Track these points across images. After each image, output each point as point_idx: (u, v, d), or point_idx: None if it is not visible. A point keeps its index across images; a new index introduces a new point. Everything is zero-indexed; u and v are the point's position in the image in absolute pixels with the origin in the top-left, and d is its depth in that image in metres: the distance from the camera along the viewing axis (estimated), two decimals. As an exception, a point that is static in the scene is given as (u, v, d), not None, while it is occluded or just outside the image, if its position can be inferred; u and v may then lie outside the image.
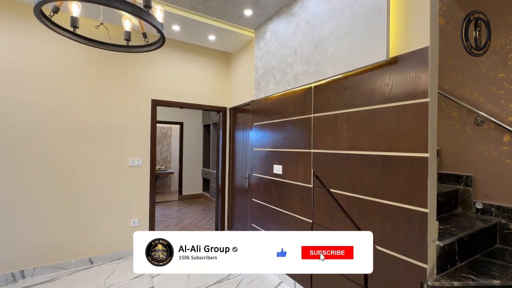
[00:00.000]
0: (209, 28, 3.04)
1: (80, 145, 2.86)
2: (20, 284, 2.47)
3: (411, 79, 1.54)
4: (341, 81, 2.01)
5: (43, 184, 2.68)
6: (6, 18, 2.52)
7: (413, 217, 1.51)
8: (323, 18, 2.14)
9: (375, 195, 1.73)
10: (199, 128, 6.88)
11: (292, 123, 2.52)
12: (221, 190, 3.97)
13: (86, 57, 2.90)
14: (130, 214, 3.16)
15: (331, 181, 2.07)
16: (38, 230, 2.64)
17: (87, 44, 1.66)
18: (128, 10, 1.20)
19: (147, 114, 3.29)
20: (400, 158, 1.59)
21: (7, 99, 2.52)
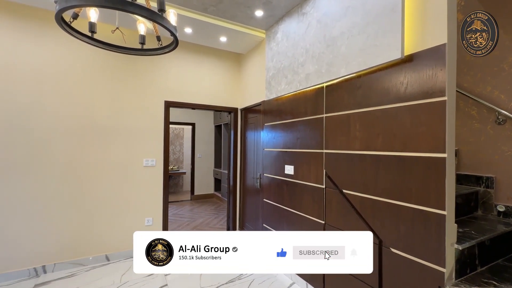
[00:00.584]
0: (221, 29, 3.07)
1: (96, 146, 2.96)
2: (42, 279, 2.59)
3: (428, 77, 1.50)
4: (354, 80, 1.98)
5: (63, 184, 2.79)
6: (29, 25, 2.64)
7: (430, 219, 1.47)
8: (335, 17, 2.11)
9: (389, 196, 1.69)
10: (210, 129, 6.96)
11: (304, 123, 2.50)
12: (232, 190, 4.00)
13: (102, 60, 3.00)
14: (144, 213, 3.24)
15: (344, 182, 2.04)
16: (58, 228, 2.76)
17: (104, 48, 1.72)
18: (143, 15, 1.23)
19: (161, 115, 3.36)
20: (416, 158, 1.54)
21: (30, 102, 2.65)
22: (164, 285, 2.52)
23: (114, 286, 2.48)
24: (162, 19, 1.35)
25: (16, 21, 2.59)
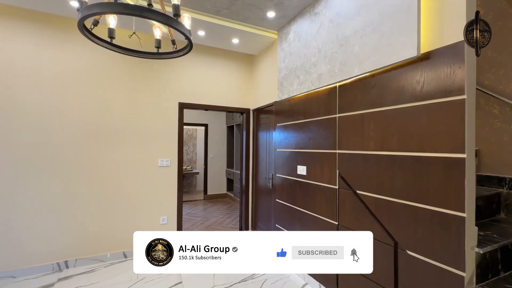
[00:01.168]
0: (233, 31, 3.11)
1: (114, 146, 3.07)
2: (64, 273, 2.72)
3: (445, 75, 1.45)
4: (367, 80, 1.95)
5: (83, 183, 2.92)
6: (52, 32, 2.79)
7: (449, 222, 1.42)
8: (348, 16, 2.09)
9: (406, 197, 1.65)
10: (223, 130, 7.04)
11: (316, 123, 2.49)
12: (245, 190, 4.03)
13: (119, 64, 3.11)
14: (159, 212, 3.32)
15: (358, 183, 2.02)
16: (79, 225, 2.89)
17: (122, 53, 1.79)
18: (160, 20, 1.28)
19: (175, 116, 3.44)
20: (434, 159, 1.50)
21: (54, 105, 2.79)
22: (179, 282, 2.58)
23: (131, 282, 2.56)
24: (177, 23, 1.39)
25: (41, 28, 2.74)
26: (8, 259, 2.59)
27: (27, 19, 2.68)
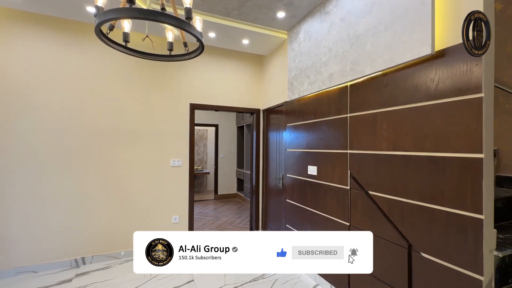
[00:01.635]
0: (243, 32, 3.13)
1: (128, 147, 3.16)
2: (82, 269, 2.82)
3: (461, 73, 1.42)
4: (380, 79, 1.92)
5: (99, 182, 3.02)
6: (71, 37, 2.90)
7: (466, 224, 1.38)
8: (359, 14, 2.07)
9: (420, 198, 1.62)
10: (233, 130, 7.08)
11: (327, 123, 2.47)
12: (255, 191, 4.04)
13: (132, 67, 3.20)
14: (172, 211, 3.39)
15: (370, 183, 1.99)
16: (95, 223, 2.99)
17: (136, 56, 1.84)
18: (173, 23, 1.31)
19: (186, 117, 3.50)
20: (450, 159, 1.46)
21: (73, 107, 2.90)
22: (191, 280, 2.62)
23: (145, 279, 2.63)
24: (189, 26, 1.42)
25: (60, 34, 2.86)
26: (30, 254, 2.72)
27: (48, 25, 2.80)
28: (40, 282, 2.57)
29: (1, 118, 2.63)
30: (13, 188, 2.67)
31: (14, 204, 2.67)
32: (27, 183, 2.72)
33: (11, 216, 2.66)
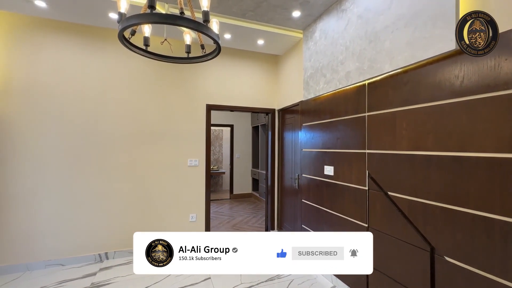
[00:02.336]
0: (258, 33, 3.15)
1: (148, 147, 3.27)
2: (105, 264, 2.95)
3: (489, 68, 1.35)
4: (399, 76, 1.86)
5: (121, 181, 3.15)
6: (95, 42, 3.05)
7: (494, 227, 1.31)
8: (378, 10, 2.02)
9: (443, 200, 1.56)
10: (248, 130, 7.12)
11: (344, 122, 2.43)
12: (270, 191, 4.04)
13: (151, 70, 3.31)
14: (189, 209, 3.47)
15: (389, 184, 1.93)
16: (117, 220, 3.12)
17: (156, 59, 1.91)
18: (191, 27, 1.35)
19: (203, 118, 3.57)
20: (476, 159, 1.40)
21: (97, 109, 3.05)
22: (208, 277, 2.67)
23: (163, 275, 2.71)
24: (207, 29, 1.45)
25: (85, 40, 3.01)
26: (58, 249, 2.89)
27: (73, 32, 2.96)
28: (67, 274, 2.72)
29: (32, 121, 2.81)
30: (43, 188, 2.84)
31: (44, 202, 2.85)
32: (55, 183, 2.89)
33: (41, 213, 2.84)
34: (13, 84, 2.75)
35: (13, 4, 2.54)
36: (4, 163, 2.71)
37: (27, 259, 2.78)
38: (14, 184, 2.74)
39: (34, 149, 2.81)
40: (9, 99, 2.74)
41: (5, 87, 2.73)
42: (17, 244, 2.75)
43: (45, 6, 2.58)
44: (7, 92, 2.73)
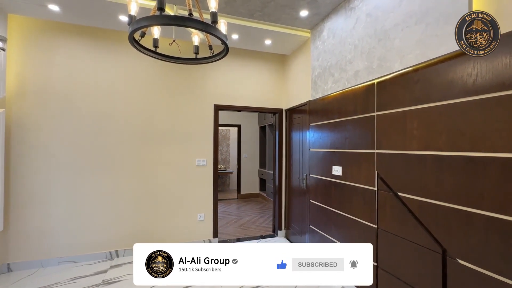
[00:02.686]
0: (266, 33, 3.15)
1: (157, 148, 3.32)
2: (115, 262, 3.02)
3: (504, 66, 1.31)
4: (410, 75, 1.83)
5: (130, 181, 3.21)
6: (105, 45, 3.12)
7: (509, 229, 1.28)
8: (387, 8, 1.99)
9: (455, 201, 1.52)
10: (255, 130, 7.13)
11: (353, 122, 2.41)
12: (278, 191, 4.04)
13: (160, 71, 3.35)
14: (197, 209, 3.50)
15: (399, 184, 1.90)
16: (127, 219, 3.18)
17: (165, 60, 1.93)
18: (200, 28, 1.36)
19: (210, 118, 3.60)
20: (490, 159, 1.36)
21: (107, 111, 3.12)
22: (216, 277, 2.68)
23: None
24: (215, 30, 1.46)
25: (96, 42, 3.09)
26: (71, 245, 2.97)
27: (85, 35, 3.04)
28: (79, 271, 2.79)
29: (46, 122, 2.90)
30: (56, 187, 2.93)
31: (57, 201, 2.93)
32: (67, 182, 2.97)
33: (55, 212, 2.92)
34: (28, 87, 2.84)
35: (28, 9, 2.63)
36: (21, 161, 2.80)
37: (41, 256, 2.87)
38: (30, 182, 2.83)
39: (48, 148, 2.90)
40: (25, 101, 2.83)
41: (21, 89, 2.82)
42: (32, 241, 2.84)
43: (58, 10, 2.65)
44: (23, 94, 2.82)
